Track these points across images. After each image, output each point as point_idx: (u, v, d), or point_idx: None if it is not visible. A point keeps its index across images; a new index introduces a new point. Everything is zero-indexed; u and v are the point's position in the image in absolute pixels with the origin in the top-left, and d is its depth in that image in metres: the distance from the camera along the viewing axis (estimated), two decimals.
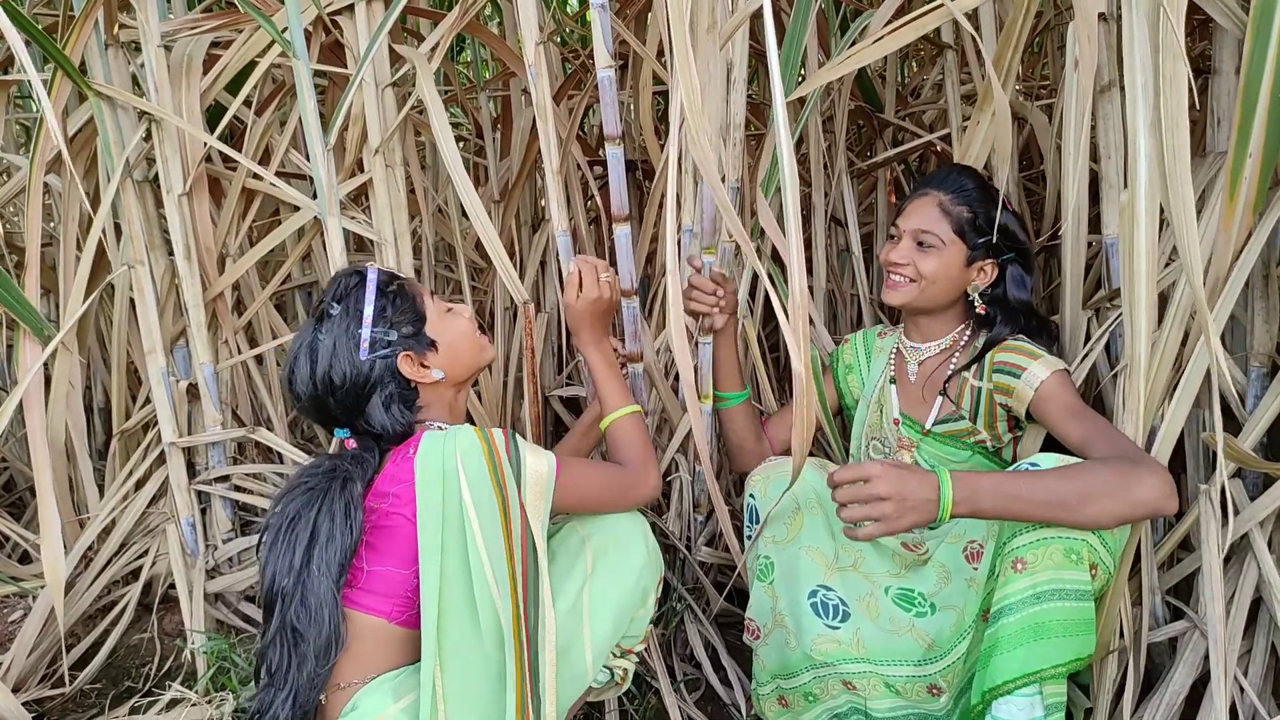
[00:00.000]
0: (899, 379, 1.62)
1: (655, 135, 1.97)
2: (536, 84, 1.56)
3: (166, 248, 1.93)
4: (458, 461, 1.13)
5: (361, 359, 1.24)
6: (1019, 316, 1.50)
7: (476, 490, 1.12)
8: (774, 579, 1.47)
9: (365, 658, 1.18)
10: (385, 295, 1.28)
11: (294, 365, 1.27)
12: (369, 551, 1.18)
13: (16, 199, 2.27)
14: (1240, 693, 1.32)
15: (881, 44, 1.40)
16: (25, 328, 1.76)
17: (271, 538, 1.17)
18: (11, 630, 1.96)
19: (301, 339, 1.28)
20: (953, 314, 1.55)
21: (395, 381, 1.26)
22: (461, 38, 2.79)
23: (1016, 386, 1.41)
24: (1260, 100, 1.12)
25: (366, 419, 1.25)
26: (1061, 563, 1.16)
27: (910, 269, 1.49)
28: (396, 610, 1.18)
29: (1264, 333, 1.37)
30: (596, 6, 1.47)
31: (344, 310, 1.26)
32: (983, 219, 1.47)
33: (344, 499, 1.16)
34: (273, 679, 1.15)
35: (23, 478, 2.52)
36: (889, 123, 2.40)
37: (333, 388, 1.24)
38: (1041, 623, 1.15)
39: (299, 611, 1.13)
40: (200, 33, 1.84)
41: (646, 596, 1.36)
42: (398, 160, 1.83)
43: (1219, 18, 1.32)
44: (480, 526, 1.12)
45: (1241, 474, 1.40)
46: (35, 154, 1.76)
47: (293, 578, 1.14)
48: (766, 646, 1.49)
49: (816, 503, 1.45)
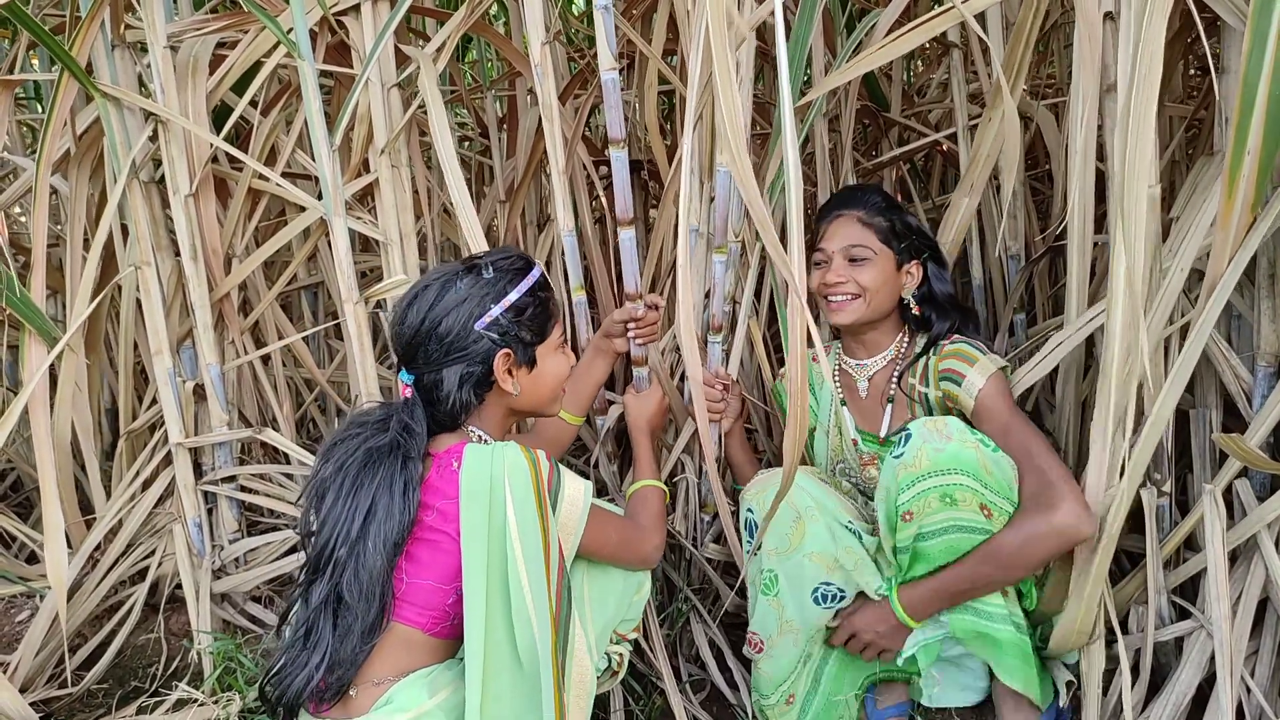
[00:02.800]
0: (849, 399, 1.67)
1: (660, 136, 1.97)
2: (542, 84, 1.56)
3: (173, 248, 1.93)
4: (505, 479, 1.12)
5: (476, 327, 1.24)
6: (949, 311, 1.57)
7: (521, 511, 1.12)
8: (779, 590, 1.49)
9: (399, 659, 1.18)
10: (533, 296, 1.30)
11: (420, 292, 1.27)
12: (409, 563, 1.18)
13: (23, 200, 2.27)
14: (1247, 693, 1.32)
15: (888, 49, 1.40)
16: (31, 329, 1.77)
17: (332, 499, 1.16)
18: (19, 630, 1.97)
19: (442, 274, 1.28)
20: (891, 323, 1.61)
21: (483, 367, 1.25)
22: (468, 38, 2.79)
23: (959, 395, 1.47)
24: (1258, 98, 1.12)
25: (438, 381, 1.24)
26: (939, 507, 1.32)
27: (850, 285, 1.54)
28: (432, 622, 1.18)
29: (1270, 332, 1.37)
30: (600, 8, 1.47)
31: (494, 280, 1.27)
32: (900, 224, 1.56)
33: (404, 476, 1.16)
34: (306, 639, 1.15)
35: (30, 478, 2.52)
36: (895, 122, 2.40)
37: (435, 332, 1.23)
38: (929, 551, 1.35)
39: (351, 583, 1.13)
40: (206, 33, 1.84)
41: (642, 585, 1.42)
42: (403, 160, 1.83)
43: (1226, 16, 1.32)
44: (522, 548, 1.11)
45: (1248, 473, 1.40)
46: (42, 155, 1.76)
47: (348, 548, 1.14)
48: (770, 659, 1.51)
49: (816, 509, 1.47)
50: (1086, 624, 1.34)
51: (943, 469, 1.32)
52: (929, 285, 1.59)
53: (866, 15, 1.82)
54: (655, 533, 1.42)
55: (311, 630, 1.15)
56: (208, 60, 1.84)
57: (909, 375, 1.56)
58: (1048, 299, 2.14)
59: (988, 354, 1.48)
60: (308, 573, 1.19)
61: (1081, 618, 1.33)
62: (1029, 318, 2.06)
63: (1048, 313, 2.13)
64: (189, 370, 1.99)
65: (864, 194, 1.60)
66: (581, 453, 2.50)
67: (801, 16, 1.58)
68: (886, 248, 1.54)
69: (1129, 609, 1.46)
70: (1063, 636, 1.37)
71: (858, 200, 1.59)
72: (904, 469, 1.35)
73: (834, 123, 2.11)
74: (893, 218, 1.56)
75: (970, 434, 1.35)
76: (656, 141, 1.96)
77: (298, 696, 1.15)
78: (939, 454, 1.33)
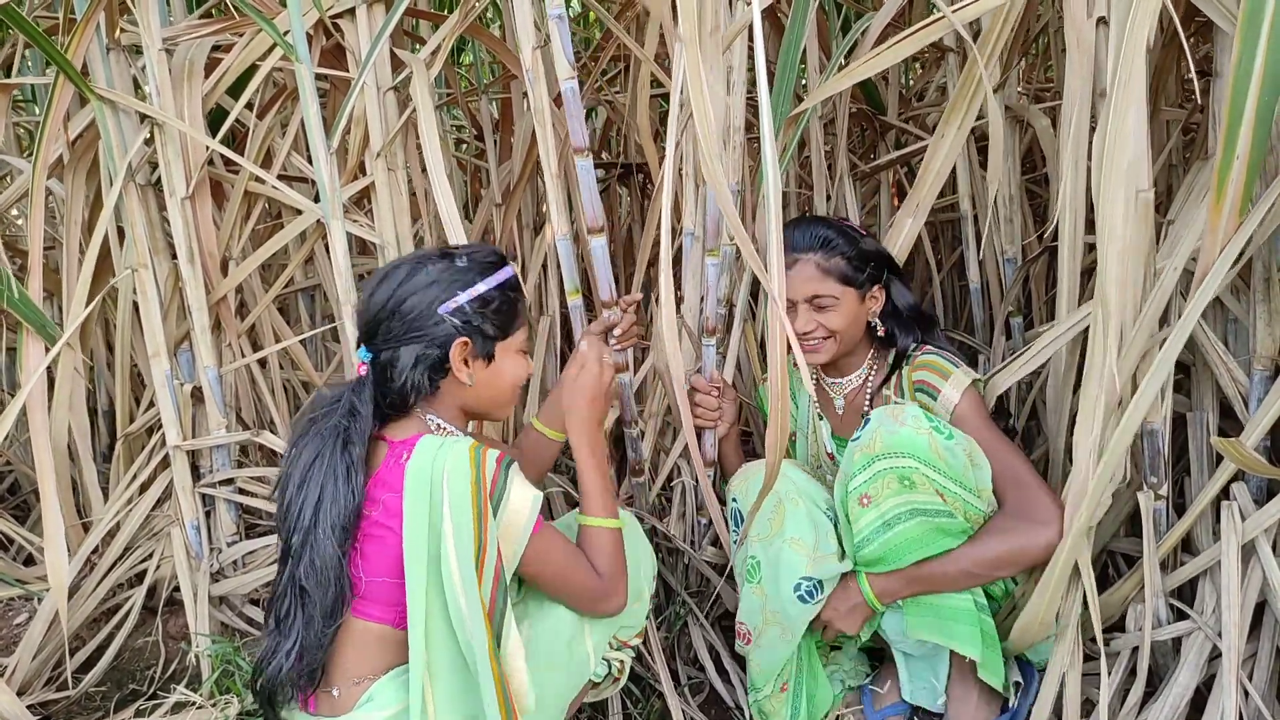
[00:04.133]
0: (826, 414, 1.69)
1: (654, 139, 1.97)
2: (534, 88, 1.56)
3: (170, 251, 1.93)
4: (445, 478, 1.13)
5: (440, 311, 1.24)
6: (913, 324, 1.59)
7: (457, 514, 1.12)
8: (762, 578, 1.49)
9: (377, 657, 1.20)
10: (502, 293, 1.30)
11: (392, 269, 1.27)
12: (364, 561, 1.19)
13: (19, 203, 2.27)
14: (1245, 697, 1.32)
15: (880, 58, 1.40)
16: (29, 329, 1.77)
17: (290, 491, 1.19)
18: (16, 633, 1.97)
19: (416, 257, 1.29)
20: (863, 346, 1.63)
21: (439, 351, 1.25)
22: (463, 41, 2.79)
23: (935, 408, 1.49)
24: (1248, 103, 1.12)
25: (393, 359, 1.24)
26: (898, 489, 1.35)
27: (820, 330, 1.55)
28: (399, 617, 1.19)
29: (1266, 336, 1.37)
30: (553, 17, 1.46)
31: (465, 269, 1.27)
32: (856, 258, 1.54)
33: (345, 461, 1.17)
34: (279, 626, 1.18)
35: (27, 481, 2.53)
36: (891, 125, 2.40)
37: (399, 309, 1.24)
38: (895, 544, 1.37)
39: (307, 570, 1.15)
40: (201, 36, 1.85)
41: (642, 591, 1.41)
42: (400, 163, 1.83)
43: (1218, 20, 1.32)
44: (456, 550, 1.11)
45: (1244, 476, 1.40)
46: (38, 158, 1.76)
47: (300, 536, 1.16)
48: (760, 649, 1.52)
49: (797, 494, 1.49)
50: (1049, 616, 1.35)
51: (895, 451, 1.35)
52: (891, 303, 1.60)
53: (861, 18, 1.82)
54: (616, 583, 1.29)
55: (282, 619, 1.17)
56: (203, 63, 1.84)
57: (884, 389, 1.59)
58: (1044, 302, 2.14)
59: (960, 366, 1.50)
60: (279, 564, 1.22)
61: (1045, 609, 1.35)
62: (1026, 321, 2.06)
63: (1044, 316, 2.13)
64: (186, 373, 1.99)
65: (814, 231, 1.55)
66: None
67: (794, 19, 1.58)
68: (847, 286, 1.54)
69: (1125, 611, 1.46)
70: (1024, 627, 1.38)
71: (808, 241, 1.54)
72: (859, 450, 1.38)
73: (830, 126, 2.11)
74: (849, 254, 1.53)
75: (925, 421, 1.37)
76: (649, 145, 1.96)
77: (272, 683, 1.17)
78: (892, 436, 1.35)
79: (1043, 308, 2.12)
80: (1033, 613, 1.36)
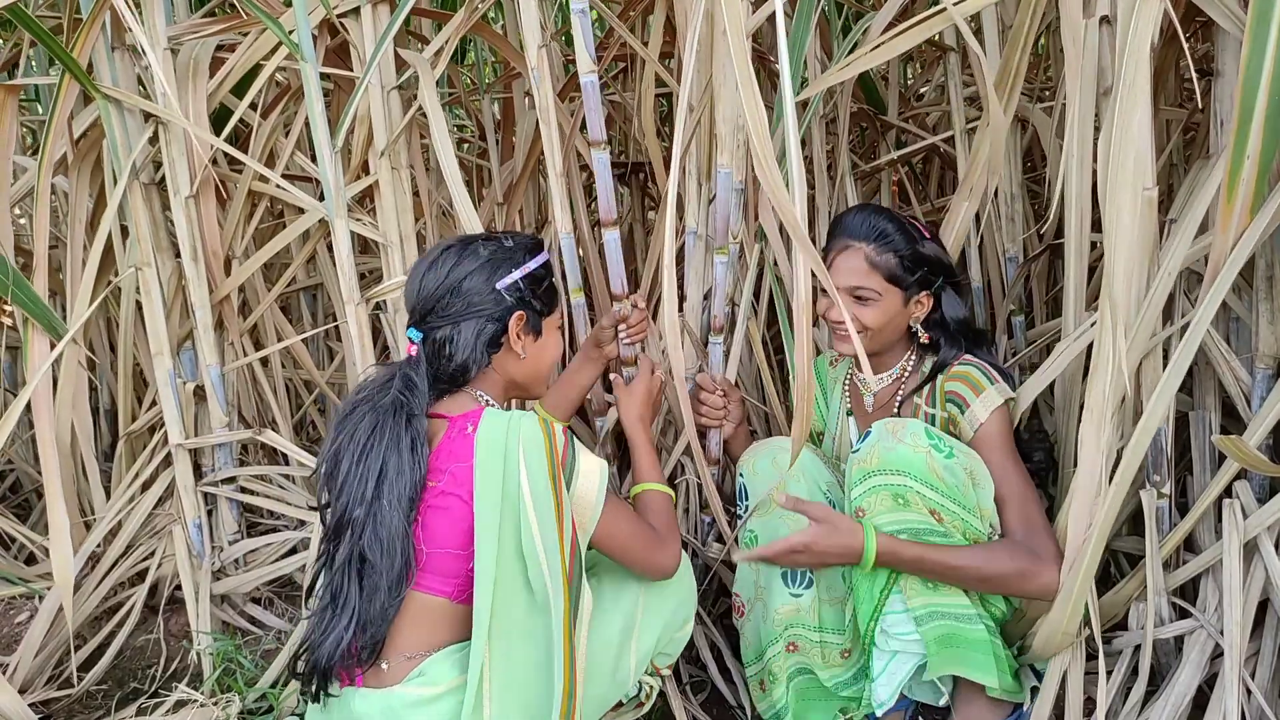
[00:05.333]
0: (855, 410, 1.67)
1: (657, 138, 1.98)
2: (539, 87, 1.57)
3: (173, 250, 1.93)
4: (520, 449, 1.15)
5: (498, 286, 1.29)
6: (959, 337, 1.53)
7: (535, 482, 1.15)
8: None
9: (431, 632, 1.21)
10: (548, 273, 1.37)
11: (441, 252, 1.31)
12: (425, 534, 1.20)
13: (23, 201, 2.27)
14: (1247, 695, 1.32)
15: (881, 50, 1.41)
16: (35, 326, 1.77)
17: (347, 465, 1.20)
18: (18, 631, 1.97)
19: (462, 239, 1.34)
20: (899, 345, 1.58)
21: (499, 325, 1.30)
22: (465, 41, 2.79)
23: (961, 422, 1.46)
24: (1258, 102, 1.13)
25: (453, 335, 1.27)
26: (892, 506, 1.33)
27: (854, 323, 1.46)
28: (458, 590, 1.21)
29: (1269, 334, 1.37)
30: (577, 11, 1.47)
31: (513, 248, 1.33)
32: (910, 259, 1.47)
33: (410, 434, 1.19)
34: (334, 604, 1.18)
35: (29, 479, 2.52)
36: (892, 125, 2.40)
37: (458, 287, 1.27)
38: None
39: (372, 542, 1.16)
40: (206, 36, 1.85)
41: (686, 622, 1.47)
42: (403, 163, 1.84)
43: (1220, 19, 1.33)
44: (537, 517, 1.14)
45: (1247, 474, 1.40)
46: (43, 156, 1.77)
47: (364, 508, 1.17)
48: (749, 623, 1.54)
49: (800, 472, 1.50)
50: (1072, 626, 1.33)
51: (890, 469, 1.34)
52: (940, 312, 1.53)
53: (862, 19, 1.83)
54: (671, 541, 1.39)
55: (338, 594, 1.18)
56: (208, 62, 1.84)
57: (916, 396, 1.54)
58: (1046, 301, 2.15)
59: (997, 383, 1.45)
60: (328, 541, 1.22)
61: (1068, 618, 1.33)
62: (1027, 319, 2.07)
63: (1046, 314, 2.14)
64: (189, 371, 1.99)
65: (874, 222, 1.48)
66: None
67: (798, 21, 1.58)
68: (893, 285, 1.47)
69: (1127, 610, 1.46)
70: (1047, 637, 1.36)
71: (866, 231, 1.47)
72: (858, 464, 1.37)
73: (831, 125, 2.11)
74: (903, 253, 1.46)
75: (924, 438, 1.35)
76: (653, 144, 1.96)
77: (329, 660, 1.17)
78: (888, 453, 1.34)
79: (1044, 306, 2.13)
80: (1055, 624, 1.34)
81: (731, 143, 1.52)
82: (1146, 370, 1.36)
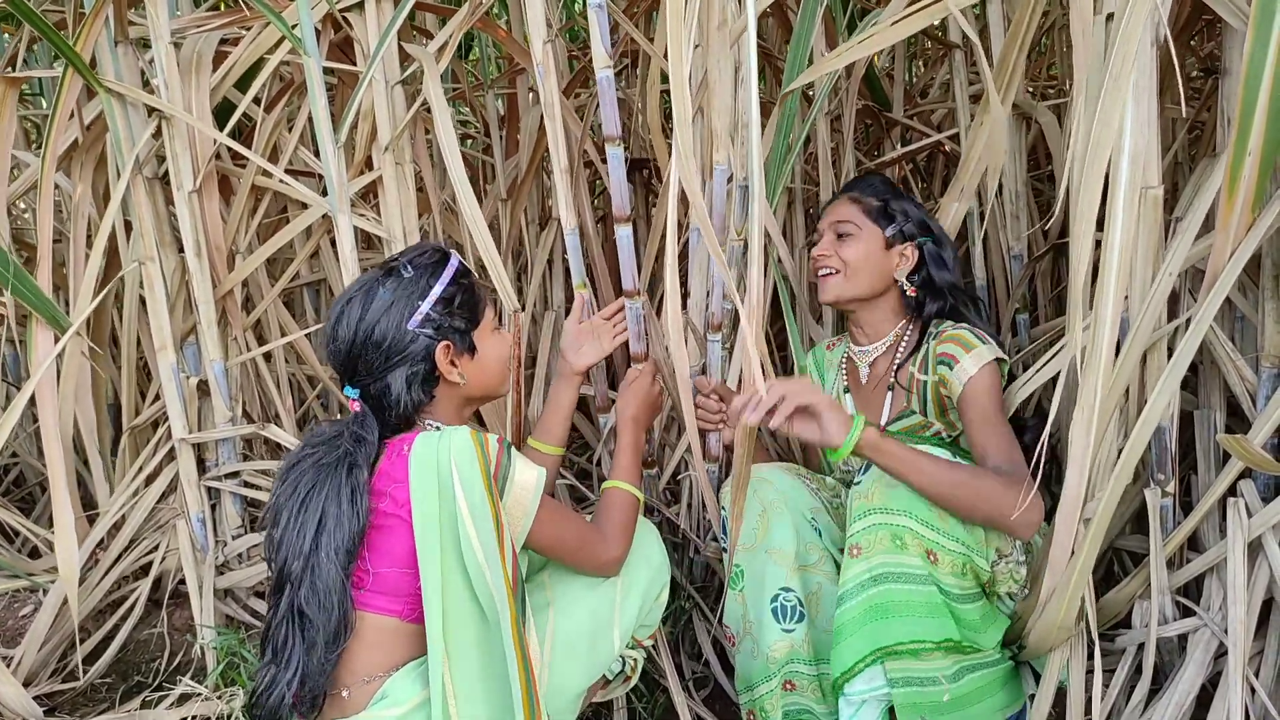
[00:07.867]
0: (852, 386, 1.67)
1: (663, 135, 1.97)
2: (544, 82, 1.56)
3: (177, 245, 1.93)
4: (452, 463, 1.13)
5: (409, 327, 1.24)
6: (945, 294, 1.58)
7: (470, 494, 1.13)
8: (744, 586, 1.49)
9: (387, 653, 1.19)
10: (458, 284, 1.29)
11: (345, 306, 1.26)
12: (371, 553, 1.19)
13: (26, 195, 2.27)
14: (1251, 694, 1.32)
15: (883, 35, 1.40)
16: (39, 320, 1.77)
17: (285, 518, 1.17)
18: (22, 625, 1.98)
19: (363, 284, 1.27)
20: (890, 308, 1.61)
21: (426, 364, 1.25)
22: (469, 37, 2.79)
23: (950, 379, 1.47)
24: (1260, 99, 1.12)
25: (385, 388, 1.24)
26: (889, 547, 1.28)
27: (834, 259, 1.58)
28: (408, 609, 1.19)
29: (1275, 333, 1.37)
30: (594, 6, 1.47)
31: (415, 278, 1.26)
32: (893, 205, 1.59)
33: (350, 484, 1.16)
34: (276, 658, 1.16)
35: (33, 473, 2.53)
36: (897, 122, 2.40)
37: (370, 342, 1.23)
38: (878, 604, 1.28)
39: (308, 596, 1.14)
40: (209, 30, 1.85)
41: (663, 590, 1.45)
42: (407, 158, 1.83)
43: (1228, 16, 1.32)
44: (476, 531, 1.12)
45: (1251, 473, 1.40)
46: (46, 150, 1.77)
47: (301, 562, 1.15)
48: (739, 655, 1.51)
49: (782, 503, 1.47)
50: (1068, 620, 1.33)
51: (893, 508, 1.30)
52: (926, 269, 1.59)
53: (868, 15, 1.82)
54: (617, 543, 1.36)
55: (280, 647, 1.15)
56: (211, 56, 1.84)
57: (910, 364, 1.56)
58: (1050, 299, 2.14)
59: (988, 343, 1.47)
60: (272, 592, 1.19)
61: (1065, 612, 1.32)
62: (1032, 317, 2.06)
63: (1050, 312, 2.13)
64: (192, 366, 1.99)
65: (867, 178, 1.66)
66: (584, 450, 2.50)
67: (803, 16, 1.58)
68: (873, 224, 1.57)
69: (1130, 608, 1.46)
70: (1043, 632, 1.36)
71: (859, 184, 1.65)
72: (859, 498, 1.33)
73: (836, 122, 2.11)
74: (887, 198, 1.59)
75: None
76: (659, 140, 1.96)
77: (274, 714, 1.15)
78: (892, 490, 1.30)
79: (1049, 304, 2.12)
80: (1051, 618, 1.33)
81: (727, 140, 1.52)
82: (1150, 368, 1.36)
